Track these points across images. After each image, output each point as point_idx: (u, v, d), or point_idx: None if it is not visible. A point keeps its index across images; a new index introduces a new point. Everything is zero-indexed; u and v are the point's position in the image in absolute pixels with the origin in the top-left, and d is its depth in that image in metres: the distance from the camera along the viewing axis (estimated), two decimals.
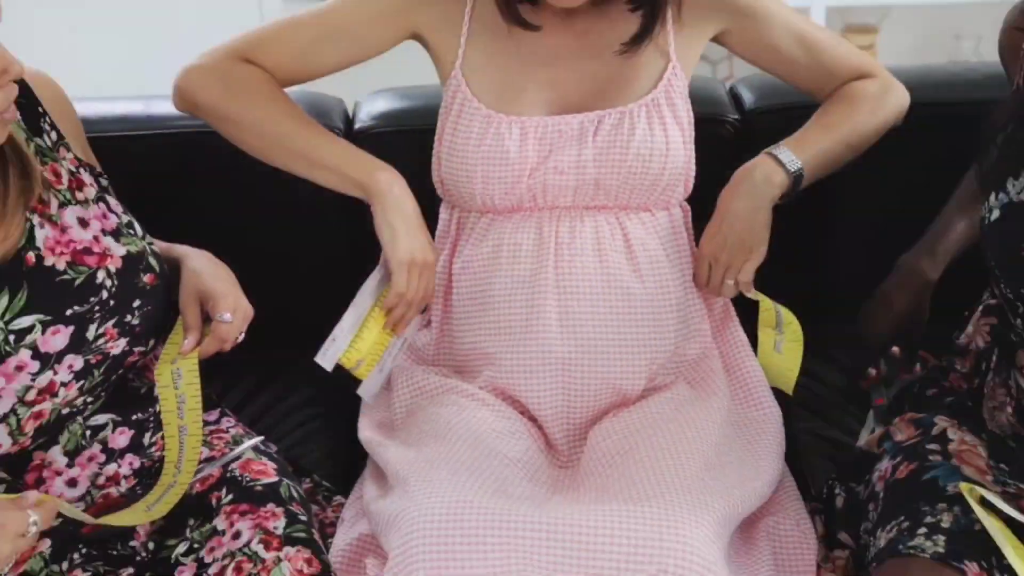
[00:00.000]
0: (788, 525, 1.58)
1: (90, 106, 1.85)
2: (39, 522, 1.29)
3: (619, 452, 1.54)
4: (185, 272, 1.54)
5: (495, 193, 1.63)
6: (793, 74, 1.73)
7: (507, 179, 1.62)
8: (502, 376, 1.64)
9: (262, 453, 1.58)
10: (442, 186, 1.70)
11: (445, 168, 1.66)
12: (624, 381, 1.63)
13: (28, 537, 1.29)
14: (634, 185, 1.63)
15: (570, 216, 1.65)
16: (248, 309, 1.53)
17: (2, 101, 1.28)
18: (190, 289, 1.52)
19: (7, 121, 1.32)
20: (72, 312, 1.39)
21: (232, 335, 1.50)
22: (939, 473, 1.48)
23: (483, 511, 1.39)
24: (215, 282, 1.52)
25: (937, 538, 1.38)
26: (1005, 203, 1.44)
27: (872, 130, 1.71)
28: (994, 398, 1.54)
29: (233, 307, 1.50)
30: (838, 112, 1.70)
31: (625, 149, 1.61)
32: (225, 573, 1.40)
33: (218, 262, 1.58)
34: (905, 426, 1.61)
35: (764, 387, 1.71)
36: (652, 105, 1.63)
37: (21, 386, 1.36)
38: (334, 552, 1.55)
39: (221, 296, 1.50)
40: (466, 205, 1.69)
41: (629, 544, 1.36)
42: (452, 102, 1.65)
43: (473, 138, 1.62)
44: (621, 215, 1.66)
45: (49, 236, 1.40)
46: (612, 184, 1.62)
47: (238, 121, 1.65)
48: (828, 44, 1.72)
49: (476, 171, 1.62)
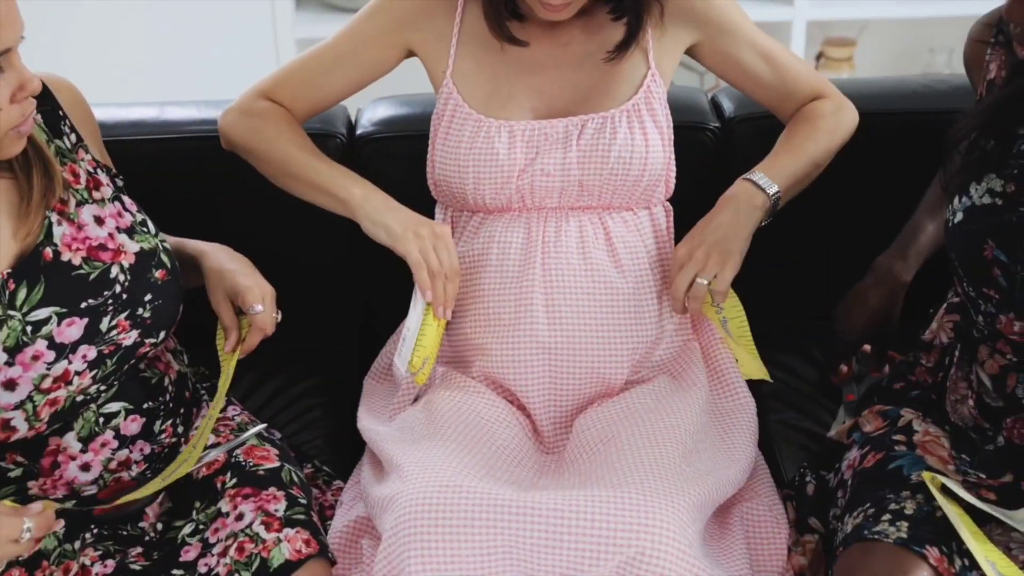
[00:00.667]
0: (761, 511, 1.64)
1: (107, 111, 1.90)
2: (33, 529, 1.32)
3: (601, 440, 1.59)
4: (209, 275, 1.60)
5: (486, 193, 1.68)
6: (756, 89, 1.78)
7: (497, 179, 1.67)
8: (493, 366, 1.69)
9: (265, 440, 1.63)
10: (436, 188, 1.75)
11: (439, 170, 1.71)
12: (607, 369, 1.68)
13: (21, 543, 1.32)
14: (616, 186, 1.68)
15: (556, 216, 1.70)
16: (270, 290, 1.60)
17: (18, 116, 1.33)
18: (218, 291, 1.59)
19: (23, 134, 1.36)
20: (87, 305, 1.42)
21: (268, 321, 1.58)
22: (904, 462, 1.53)
23: (472, 494, 1.44)
24: (238, 278, 1.58)
25: (900, 524, 1.42)
26: (968, 206, 1.48)
27: (832, 148, 1.76)
28: (956, 392, 1.58)
29: (261, 296, 1.57)
30: (801, 134, 1.75)
31: (607, 152, 1.66)
32: (228, 552, 1.45)
33: (235, 255, 1.64)
34: (873, 417, 1.65)
35: (738, 377, 1.76)
36: (633, 111, 1.68)
37: (37, 375, 1.39)
38: (332, 533, 1.60)
39: (246, 289, 1.56)
40: (459, 205, 1.74)
41: (608, 527, 1.41)
42: (444, 108, 1.70)
43: (465, 141, 1.67)
44: (604, 215, 1.71)
45: (66, 233, 1.43)
46: (595, 185, 1.68)
47: (256, 153, 1.75)
48: (790, 63, 1.77)
49: (468, 172, 1.67)
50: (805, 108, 1.78)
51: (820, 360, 1.97)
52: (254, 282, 1.58)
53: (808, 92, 1.78)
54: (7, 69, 1.30)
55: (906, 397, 1.67)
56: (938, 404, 1.63)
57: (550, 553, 1.42)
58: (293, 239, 1.99)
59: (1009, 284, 1.44)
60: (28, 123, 1.35)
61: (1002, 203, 1.45)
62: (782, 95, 1.78)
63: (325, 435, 1.90)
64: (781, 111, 1.81)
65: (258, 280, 1.60)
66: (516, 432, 1.65)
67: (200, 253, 1.62)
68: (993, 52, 1.58)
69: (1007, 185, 1.46)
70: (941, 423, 1.60)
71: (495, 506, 1.43)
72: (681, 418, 1.62)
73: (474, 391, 1.68)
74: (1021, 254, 1.42)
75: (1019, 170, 1.45)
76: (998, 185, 1.46)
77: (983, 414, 1.55)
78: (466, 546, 1.42)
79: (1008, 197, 1.45)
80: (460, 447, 1.56)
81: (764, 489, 1.69)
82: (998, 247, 1.44)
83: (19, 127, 1.34)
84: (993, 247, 1.45)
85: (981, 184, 1.48)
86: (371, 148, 1.96)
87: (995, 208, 1.45)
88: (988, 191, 1.47)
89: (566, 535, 1.42)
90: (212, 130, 1.80)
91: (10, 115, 1.32)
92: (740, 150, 1.94)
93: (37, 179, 1.41)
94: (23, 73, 1.32)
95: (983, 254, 1.45)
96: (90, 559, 1.47)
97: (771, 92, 1.78)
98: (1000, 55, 1.57)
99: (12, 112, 1.32)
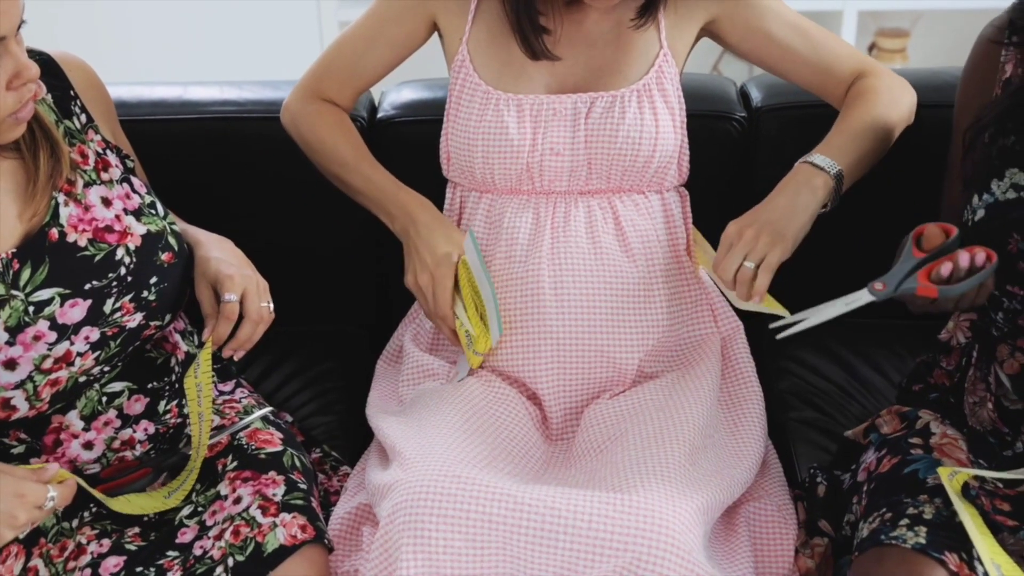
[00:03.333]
0: (770, 510, 1.58)
1: (132, 90, 1.88)
2: (56, 498, 1.31)
3: (609, 438, 1.54)
4: (198, 263, 1.53)
5: (495, 169, 1.64)
6: (792, 67, 1.68)
7: (507, 155, 1.63)
8: (502, 355, 1.64)
9: (271, 423, 1.59)
10: (448, 163, 1.72)
11: (451, 143, 1.68)
12: (617, 354, 1.63)
13: (44, 510, 1.31)
14: (626, 167, 1.63)
15: (565, 200, 1.66)
16: (261, 283, 1.52)
17: (14, 103, 1.31)
18: (201, 278, 1.52)
19: (21, 120, 1.34)
20: (90, 286, 1.40)
21: (254, 311, 1.49)
22: (920, 466, 1.47)
23: (471, 485, 1.40)
24: (221, 266, 1.51)
25: (919, 529, 1.37)
26: (990, 203, 1.43)
27: (893, 122, 1.63)
28: (975, 393, 1.52)
29: (241, 285, 1.49)
30: (857, 110, 1.62)
31: (615, 131, 1.61)
32: (224, 535, 1.42)
33: (227, 246, 1.57)
34: (891, 418, 1.60)
35: (750, 367, 1.70)
36: (644, 90, 1.63)
37: (38, 355, 1.37)
38: (334, 520, 1.57)
39: (226, 278, 1.49)
40: (468, 183, 1.70)
41: (606, 530, 1.36)
42: (457, 78, 1.67)
43: (475, 114, 1.64)
44: (614, 198, 1.66)
45: (73, 214, 1.41)
46: (603, 165, 1.63)
47: (308, 152, 1.77)
48: (826, 37, 1.67)
49: (477, 146, 1.64)
50: (856, 86, 1.65)
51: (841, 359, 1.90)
52: (237, 271, 1.50)
53: (853, 68, 1.67)
54: (4, 56, 1.28)
55: (925, 399, 1.61)
56: (956, 407, 1.56)
57: (545, 552, 1.37)
58: (309, 221, 1.96)
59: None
60: (26, 109, 1.33)
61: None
62: (822, 72, 1.67)
63: (337, 419, 1.86)
64: (826, 92, 1.69)
65: (243, 271, 1.52)
66: (523, 422, 1.60)
67: (196, 242, 1.56)
68: (1008, 52, 1.53)
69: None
70: (959, 426, 1.54)
71: (493, 499, 1.39)
72: (690, 413, 1.56)
73: (482, 379, 1.63)
74: None
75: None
76: (1022, 179, 1.42)
77: (1002, 417, 1.48)
78: (460, 538, 1.38)
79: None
80: (464, 435, 1.52)
81: (774, 488, 1.62)
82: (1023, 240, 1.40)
83: (17, 114, 1.32)
84: (1019, 240, 1.40)
85: (1004, 180, 1.43)
86: (391, 133, 1.92)
87: (1020, 201, 1.41)
88: (1012, 186, 1.43)
89: (562, 536, 1.37)
90: (232, 111, 1.78)
91: (6, 102, 1.30)
92: (767, 140, 1.87)
93: (44, 160, 1.39)
94: (20, 60, 1.29)
95: (1008, 249, 1.40)
96: (87, 538, 1.45)
97: (809, 69, 1.67)
98: (1015, 55, 1.52)
99: (8, 99, 1.30)
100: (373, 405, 1.71)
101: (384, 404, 1.71)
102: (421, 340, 1.77)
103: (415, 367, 1.71)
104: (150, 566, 1.42)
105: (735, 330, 1.73)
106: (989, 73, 1.56)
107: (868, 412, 1.80)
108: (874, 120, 1.61)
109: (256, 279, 1.53)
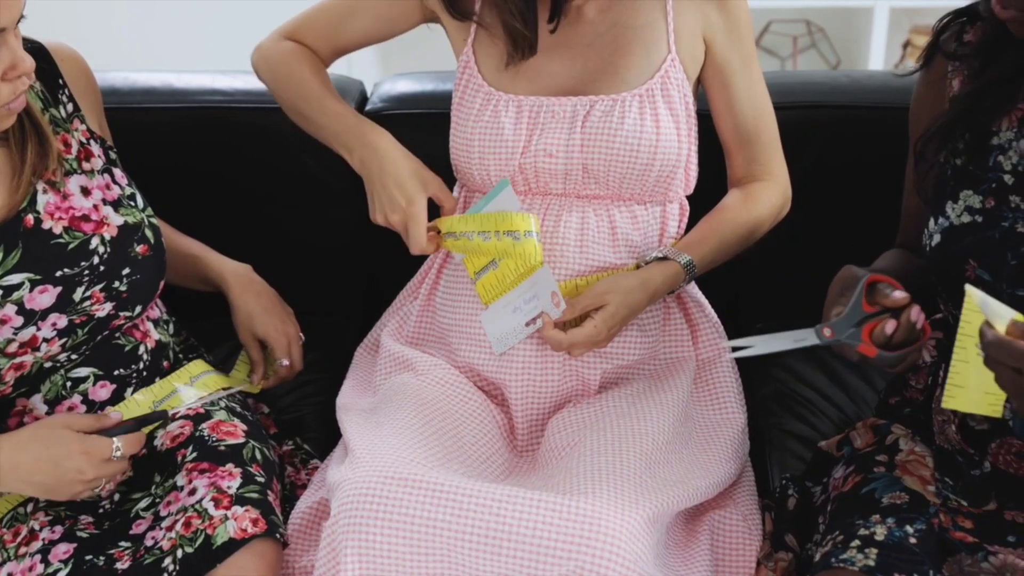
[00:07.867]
0: (734, 520, 1.50)
1: (122, 76, 1.85)
2: (122, 448, 1.36)
3: (568, 445, 1.48)
4: (237, 313, 1.63)
5: (490, 169, 1.58)
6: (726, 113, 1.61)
7: (501, 155, 1.56)
8: (476, 354, 1.58)
9: (236, 415, 1.55)
10: (454, 166, 1.65)
11: (453, 143, 1.62)
12: (584, 368, 1.56)
13: (114, 462, 1.36)
14: (624, 173, 1.55)
15: (559, 204, 1.58)
16: (295, 335, 1.65)
17: (8, 94, 1.30)
18: (247, 333, 1.63)
19: (13, 111, 1.33)
20: (61, 274, 1.39)
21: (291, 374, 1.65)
22: (878, 485, 1.40)
23: (416, 487, 1.34)
24: (269, 329, 1.63)
25: (869, 551, 1.30)
26: (945, 227, 1.36)
27: (750, 240, 1.62)
28: (942, 412, 1.44)
29: (287, 349, 1.63)
30: (729, 226, 1.59)
31: (613, 136, 1.53)
32: (175, 527, 1.38)
33: (258, 286, 1.66)
34: (865, 432, 1.53)
35: (732, 393, 1.61)
36: (646, 95, 1.54)
37: (3, 339, 1.36)
38: (295, 514, 1.52)
39: (275, 342, 1.63)
40: (468, 182, 1.64)
41: (549, 538, 1.30)
42: (462, 77, 1.61)
43: (474, 113, 1.58)
44: (612, 207, 1.58)
45: (50, 201, 1.40)
46: (600, 170, 1.55)
47: (274, 88, 1.69)
48: (770, 120, 1.61)
49: (474, 145, 1.57)
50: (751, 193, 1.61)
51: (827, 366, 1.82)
52: (283, 332, 1.63)
53: (768, 156, 1.62)
54: (1, 47, 1.27)
55: (900, 413, 1.53)
56: (927, 424, 1.48)
57: (488, 559, 1.31)
58: (305, 212, 1.92)
59: None
60: (18, 101, 1.33)
61: (982, 220, 1.33)
62: (745, 150, 1.62)
63: (315, 412, 1.81)
64: (734, 156, 1.63)
65: (286, 329, 1.64)
66: (488, 429, 1.54)
67: (222, 279, 1.64)
68: (954, 68, 1.43)
69: (986, 200, 1.33)
70: (929, 442, 1.46)
71: (438, 503, 1.33)
72: (652, 424, 1.48)
73: (453, 383, 1.57)
74: (1005, 271, 1.29)
75: (997, 183, 1.32)
76: (976, 201, 1.34)
77: (966, 438, 1.40)
78: (403, 542, 1.33)
79: (988, 213, 1.32)
80: (420, 436, 1.46)
81: (742, 497, 1.54)
82: (981, 267, 1.31)
83: (9, 104, 1.31)
84: (975, 267, 1.32)
85: (958, 202, 1.35)
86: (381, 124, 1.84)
87: (975, 226, 1.33)
88: (967, 209, 1.35)
89: (506, 542, 1.31)
90: (223, 100, 1.74)
91: (0, 92, 1.29)
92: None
93: (31, 152, 1.39)
94: (16, 52, 1.29)
95: (965, 275, 1.32)
96: (39, 524, 1.42)
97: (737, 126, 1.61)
98: (961, 71, 1.42)
99: (3, 90, 1.30)
100: (344, 397, 1.66)
101: (355, 396, 1.65)
102: (405, 330, 1.71)
103: (389, 358, 1.65)
104: (100, 555, 1.39)
105: (717, 355, 1.64)
106: (941, 85, 1.46)
107: (848, 420, 1.73)
108: (738, 241, 1.60)
109: (295, 332, 1.65)
